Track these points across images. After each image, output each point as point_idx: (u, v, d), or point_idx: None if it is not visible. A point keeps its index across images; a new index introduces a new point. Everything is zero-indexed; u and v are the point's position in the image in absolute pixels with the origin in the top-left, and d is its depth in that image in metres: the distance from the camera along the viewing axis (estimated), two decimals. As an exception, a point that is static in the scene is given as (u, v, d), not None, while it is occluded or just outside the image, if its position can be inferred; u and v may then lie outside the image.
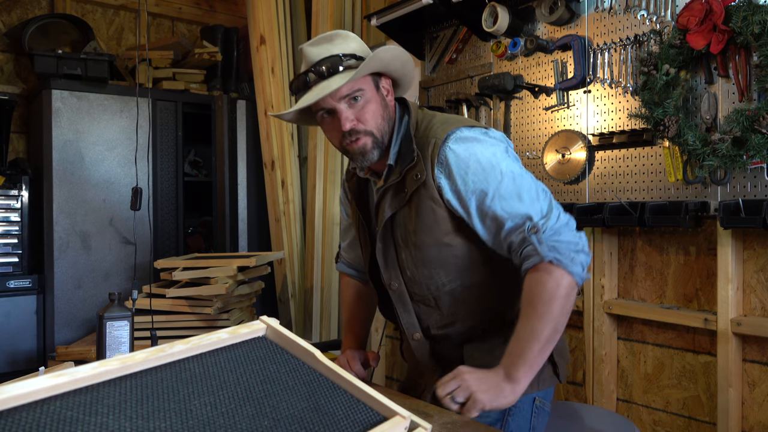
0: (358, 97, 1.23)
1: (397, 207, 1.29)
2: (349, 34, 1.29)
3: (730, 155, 1.60)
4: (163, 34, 3.69)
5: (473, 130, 1.25)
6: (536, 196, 1.20)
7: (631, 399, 2.01)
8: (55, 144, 2.73)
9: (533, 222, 1.16)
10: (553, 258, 1.13)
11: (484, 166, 1.20)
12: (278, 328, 0.97)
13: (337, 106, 1.23)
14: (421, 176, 1.24)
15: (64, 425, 0.67)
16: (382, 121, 1.27)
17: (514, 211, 1.18)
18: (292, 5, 3.17)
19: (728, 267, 1.71)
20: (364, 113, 1.24)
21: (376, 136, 1.26)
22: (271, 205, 3.13)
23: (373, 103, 1.25)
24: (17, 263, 2.66)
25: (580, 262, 1.16)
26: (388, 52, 1.25)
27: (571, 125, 2.09)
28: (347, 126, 1.23)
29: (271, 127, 3.06)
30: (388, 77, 1.32)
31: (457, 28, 2.49)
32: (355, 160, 1.31)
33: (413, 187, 1.25)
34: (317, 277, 2.92)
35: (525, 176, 1.22)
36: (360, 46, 1.27)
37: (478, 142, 1.22)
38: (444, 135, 1.23)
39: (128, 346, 1.68)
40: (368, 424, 0.81)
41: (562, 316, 1.15)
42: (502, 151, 1.23)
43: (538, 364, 1.14)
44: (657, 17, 1.84)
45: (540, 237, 1.15)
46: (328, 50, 1.23)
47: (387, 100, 1.31)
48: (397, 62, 1.29)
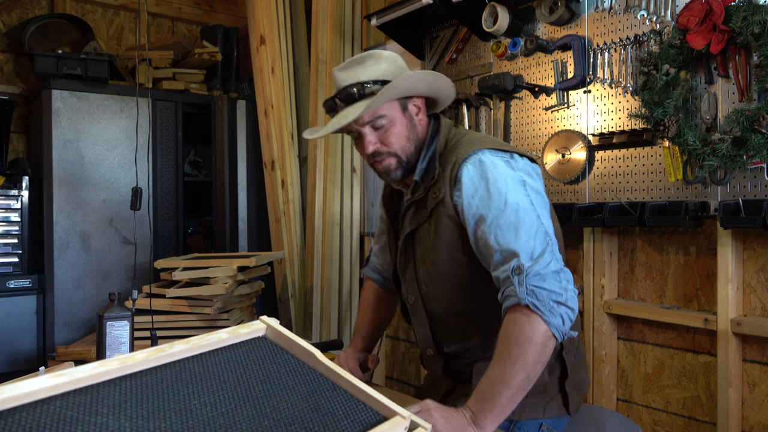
0: (381, 121, 1.28)
1: (417, 223, 1.33)
2: (383, 54, 1.32)
3: (730, 155, 1.60)
4: (163, 34, 3.69)
5: (496, 154, 1.25)
6: (533, 235, 1.16)
7: (631, 399, 2.01)
8: (55, 144, 2.73)
9: (519, 262, 1.13)
10: (530, 303, 1.10)
11: (490, 192, 1.19)
12: (278, 328, 0.97)
13: (362, 130, 1.29)
14: (439, 194, 1.27)
15: (64, 425, 0.67)
16: (407, 142, 1.31)
17: (505, 244, 1.16)
18: (292, 5, 3.17)
19: (728, 267, 1.71)
20: (387, 136, 1.29)
21: (400, 156, 1.31)
22: (271, 205, 3.13)
23: (397, 126, 1.29)
24: (17, 263, 2.66)
25: (560, 314, 1.11)
26: (407, 81, 1.27)
27: (571, 125, 2.09)
28: (369, 149, 1.29)
29: (271, 127, 3.06)
30: (420, 96, 1.34)
31: (457, 28, 2.49)
32: (382, 178, 1.37)
33: (433, 204, 1.28)
34: (317, 277, 2.92)
35: (530, 212, 1.18)
36: (391, 68, 1.30)
37: (494, 167, 1.22)
38: (465, 155, 1.25)
39: (128, 346, 1.68)
40: (368, 424, 0.81)
41: (537, 364, 1.10)
42: (515, 181, 1.21)
43: (506, 411, 1.10)
44: (657, 17, 1.84)
45: (522, 279, 1.11)
46: (355, 75, 1.29)
47: (416, 119, 1.33)
48: (419, 86, 1.31)
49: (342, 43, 2.90)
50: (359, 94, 1.27)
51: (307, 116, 3.08)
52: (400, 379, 2.98)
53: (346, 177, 2.97)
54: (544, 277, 1.12)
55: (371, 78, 1.28)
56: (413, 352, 2.91)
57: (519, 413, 1.26)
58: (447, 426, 1.05)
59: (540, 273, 1.12)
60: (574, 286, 1.16)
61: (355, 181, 2.99)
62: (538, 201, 1.22)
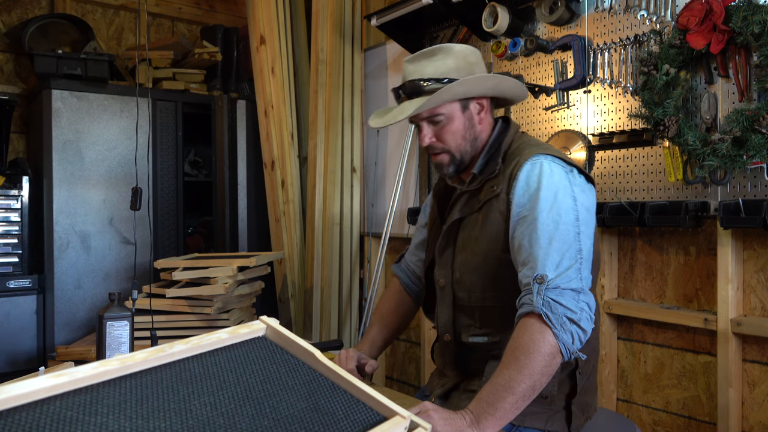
0: (439, 118, 1.32)
1: (467, 212, 1.35)
2: (453, 48, 1.34)
3: (730, 155, 1.60)
4: (163, 34, 3.69)
5: (557, 163, 1.26)
6: (566, 249, 1.16)
7: (631, 399, 2.01)
8: (55, 144, 2.73)
9: (543, 272, 1.14)
10: (544, 314, 1.10)
11: (540, 196, 1.20)
12: (278, 328, 0.97)
13: (420, 123, 1.35)
14: (497, 188, 1.28)
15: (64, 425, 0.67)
16: (462, 140, 1.34)
17: (535, 250, 1.16)
18: (292, 5, 3.17)
19: (728, 267, 1.71)
20: (443, 133, 1.33)
21: (453, 154, 1.35)
22: (271, 205, 3.13)
23: (454, 124, 1.33)
24: (17, 263, 2.66)
25: (571, 331, 1.11)
26: (464, 85, 1.30)
27: (571, 125, 2.09)
28: (425, 142, 1.35)
29: (271, 127, 3.06)
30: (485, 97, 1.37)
31: (457, 28, 2.49)
32: (436, 170, 1.41)
33: (487, 197, 1.30)
34: (317, 277, 2.92)
35: (570, 227, 1.19)
36: (457, 64, 1.33)
37: (552, 174, 1.23)
38: (528, 156, 1.26)
39: (128, 346, 1.68)
40: (368, 424, 0.81)
41: (543, 375, 1.10)
42: (567, 193, 1.22)
43: (508, 418, 1.09)
44: (657, 17, 1.84)
45: (541, 288, 1.12)
46: (421, 69, 1.33)
47: (477, 118, 1.36)
48: (480, 88, 1.34)
49: (342, 43, 2.90)
50: (420, 90, 1.31)
51: (307, 116, 3.08)
52: (400, 379, 2.98)
53: (346, 177, 2.97)
54: (562, 293, 1.13)
55: (435, 74, 1.31)
56: (413, 352, 2.91)
57: (521, 419, 1.26)
58: (446, 427, 1.05)
59: (560, 287, 1.13)
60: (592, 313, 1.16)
61: (355, 181, 2.99)
62: (583, 218, 1.22)
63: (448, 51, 1.33)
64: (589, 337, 1.23)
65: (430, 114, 1.32)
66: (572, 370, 1.30)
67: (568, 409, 1.30)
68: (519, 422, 1.26)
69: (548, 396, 1.28)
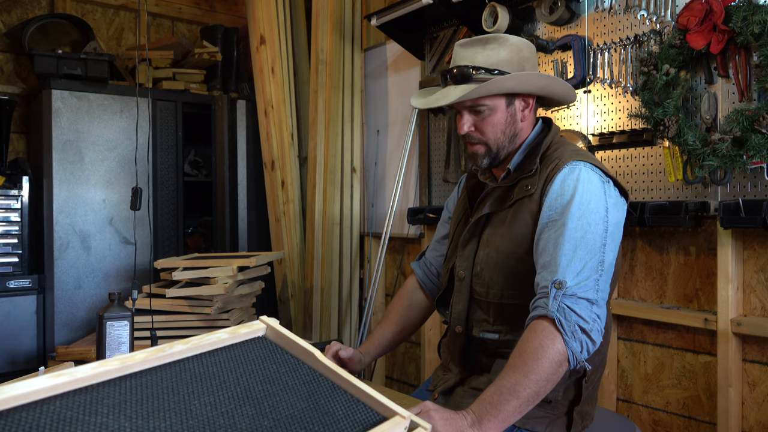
0: (482, 110, 1.31)
1: (497, 208, 1.34)
2: (509, 40, 1.33)
3: (730, 155, 1.60)
4: (163, 34, 3.69)
5: (594, 172, 1.25)
6: (588, 259, 1.16)
7: (631, 399, 2.01)
8: (55, 144, 2.73)
9: (562, 278, 1.13)
10: (557, 319, 1.10)
11: (573, 202, 1.20)
12: (278, 328, 0.97)
13: (461, 111, 1.33)
14: (531, 187, 1.28)
15: (64, 425, 0.67)
16: (501, 135, 1.33)
17: (559, 256, 1.16)
18: (292, 5, 3.17)
19: (728, 267, 1.71)
20: (483, 124, 1.32)
21: (490, 147, 1.34)
22: (271, 205, 3.13)
23: (496, 117, 1.32)
24: (17, 263, 2.66)
25: (581, 341, 1.11)
26: (513, 80, 1.29)
27: (571, 125, 2.09)
28: (463, 130, 1.34)
29: (271, 127, 3.06)
30: (532, 95, 1.36)
31: (457, 28, 2.49)
32: (469, 160, 1.40)
33: (520, 195, 1.29)
34: (317, 277, 2.92)
35: (598, 238, 1.18)
36: (511, 56, 1.31)
37: (588, 182, 1.23)
38: (568, 161, 1.26)
39: (128, 346, 1.68)
40: (368, 424, 0.81)
41: (548, 382, 1.10)
42: (600, 204, 1.21)
43: (510, 421, 1.08)
44: (657, 17, 1.84)
45: (557, 294, 1.12)
46: (473, 56, 1.31)
47: (520, 115, 1.35)
48: (528, 86, 1.33)
49: (342, 43, 2.90)
50: (467, 78, 1.30)
51: (307, 116, 3.08)
52: (400, 379, 2.98)
53: (346, 177, 2.97)
54: (577, 301, 1.12)
55: (486, 64, 1.30)
56: (413, 352, 2.91)
57: (522, 422, 1.25)
58: (447, 428, 1.04)
59: (576, 295, 1.12)
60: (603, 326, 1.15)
61: (355, 181, 2.99)
62: (611, 231, 1.21)
63: (504, 41, 1.31)
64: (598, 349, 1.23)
65: (473, 103, 1.31)
66: (579, 378, 1.30)
67: (569, 416, 1.30)
68: (520, 424, 1.26)
69: (552, 401, 1.27)
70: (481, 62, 1.30)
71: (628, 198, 1.33)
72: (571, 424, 1.29)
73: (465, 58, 1.32)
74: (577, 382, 1.30)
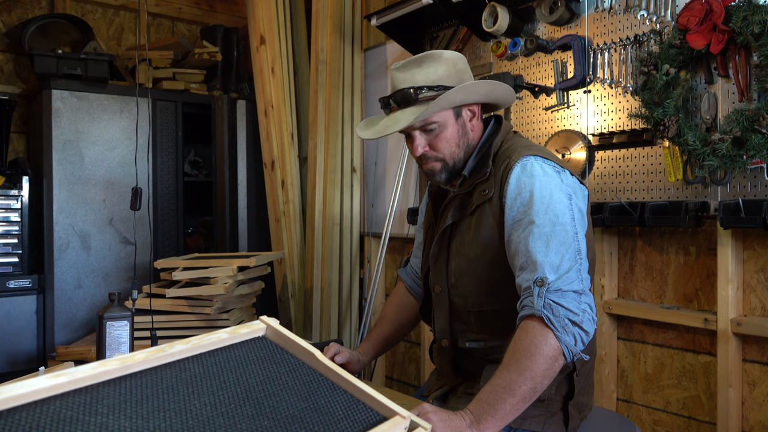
0: (432, 128, 1.30)
1: (459, 217, 1.34)
2: (443, 55, 1.32)
3: (730, 155, 1.60)
4: (163, 34, 3.69)
5: (547, 164, 1.25)
6: (565, 251, 1.15)
7: (631, 399, 2.01)
8: (55, 144, 2.73)
9: (543, 274, 1.13)
10: (545, 317, 1.09)
11: (534, 198, 1.19)
12: (278, 328, 0.97)
13: (412, 133, 1.32)
14: (488, 192, 1.27)
15: (64, 425, 0.67)
16: (456, 148, 1.33)
17: (534, 254, 1.15)
18: (292, 5, 3.17)
19: (728, 267, 1.71)
20: (437, 141, 1.31)
21: (446, 162, 1.33)
22: (271, 205, 3.13)
23: (448, 132, 1.31)
24: (17, 263, 2.66)
25: (573, 333, 1.10)
26: (460, 93, 1.28)
27: (571, 125, 2.09)
28: (418, 152, 1.32)
29: (271, 127, 3.06)
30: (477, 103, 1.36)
31: (457, 28, 2.49)
32: (427, 178, 1.39)
33: (479, 201, 1.29)
34: (317, 277, 2.92)
35: (568, 227, 1.18)
36: (448, 71, 1.30)
37: (544, 174, 1.22)
38: (518, 158, 1.25)
39: (128, 346, 1.67)
40: (368, 424, 0.81)
41: (544, 378, 1.09)
42: (561, 194, 1.21)
43: (508, 419, 1.08)
44: (657, 17, 1.84)
45: (542, 291, 1.11)
46: (412, 77, 1.29)
47: (469, 125, 1.35)
48: (474, 96, 1.33)
49: (342, 43, 2.90)
50: (413, 99, 1.28)
51: (307, 116, 3.08)
52: (400, 379, 2.98)
53: (346, 177, 2.97)
54: (564, 295, 1.12)
55: (427, 83, 1.28)
56: (413, 352, 2.91)
57: (519, 422, 1.26)
58: (445, 429, 1.04)
59: (561, 289, 1.12)
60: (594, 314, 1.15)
61: (355, 181, 2.99)
62: (578, 219, 1.21)
63: (438, 58, 1.31)
64: None
65: (423, 123, 1.29)
66: (570, 373, 1.30)
67: (565, 411, 1.30)
68: (517, 425, 1.26)
69: (545, 399, 1.28)
70: (422, 81, 1.28)
71: (585, 186, 1.32)
72: (568, 419, 1.30)
73: (405, 81, 1.29)
74: (569, 376, 1.30)
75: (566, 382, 1.30)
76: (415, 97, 1.27)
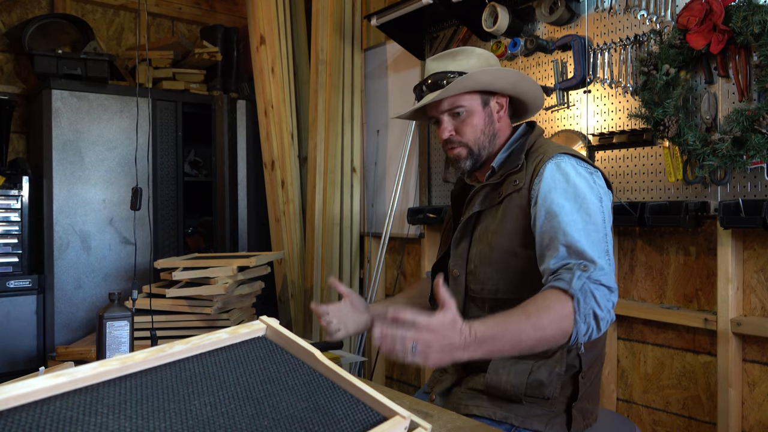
0: (460, 111, 1.36)
1: (487, 205, 1.36)
2: (475, 50, 1.39)
3: (730, 155, 1.60)
4: (163, 34, 3.69)
5: (581, 164, 1.27)
6: (604, 249, 1.17)
7: (631, 399, 2.01)
8: (55, 144, 2.73)
9: (590, 263, 1.12)
10: (576, 298, 1.08)
11: (570, 193, 1.21)
12: (278, 328, 0.97)
13: (440, 117, 1.38)
14: (519, 182, 1.29)
15: (64, 425, 0.67)
16: (481, 135, 1.37)
17: (574, 243, 1.15)
18: (292, 5, 3.17)
19: (728, 267, 1.71)
20: (463, 126, 1.36)
21: (471, 148, 1.37)
22: (271, 205, 3.13)
23: (474, 118, 1.36)
24: (17, 263, 2.66)
25: (589, 325, 1.10)
26: (488, 74, 1.33)
27: (571, 125, 2.09)
28: (444, 135, 1.37)
29: (271, 127, 3.06)
30: (504, 95, 1.40)
31: (457, 28, 2.49)
32: (452, 165, 1.43)
33: (509, 190, 1.30)
34: (317, 277, 2.92)
35: (600, 227, 1.19)
36: (479, 63, 1.37)
37: (578, 174, 1.24)
38: (553, 154, 1.27)
39: (128, 346, 1.68)
40: (368, 424, 0.81)
41: (548, 340, 1.08)
42: (594, 195, 1.22)
43: (492, 353, 1.05)
44: (657, 17, 1.84)
45: (582, 275, 1.11)
46: (444, 66, 1.37)
47: (496, 116, 1.39)
48: (501, 82, 1.36)
49: (342, 43, 2.90)
50: (440, 83, 1.34)
51: (307, 116, 3.08)
52: (400, 379, 2.98)
53: (346, 177, 2.97)
54: (599, 288, 1.11)
55: (457, 69, 1.35)
56: (413, 352, 2.90)
57: (521, 421, 1.25)
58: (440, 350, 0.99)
59: (600, 281, 1.11)
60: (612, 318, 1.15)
61: (355, 181, 2.99)
62: (608, 220, 1.23)
63: (471, 52, 1.38)
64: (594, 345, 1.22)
65: (451, 105, 1.35)
66: (575, 373, 1.30)
67: (568, 413, 1.30)
68: (519, 423, 1.26)
69: (550, 398, 1.27)
70: (454, 69, 1.36)
71: (612, 189, 1.34)
72: (572, 422, 1.29)
73: (438, 68, 1.37)
74: (574, 377, 1.30)
75: (571, 383, 1.30)
76: (445, 81, 1.34)
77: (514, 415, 1.25)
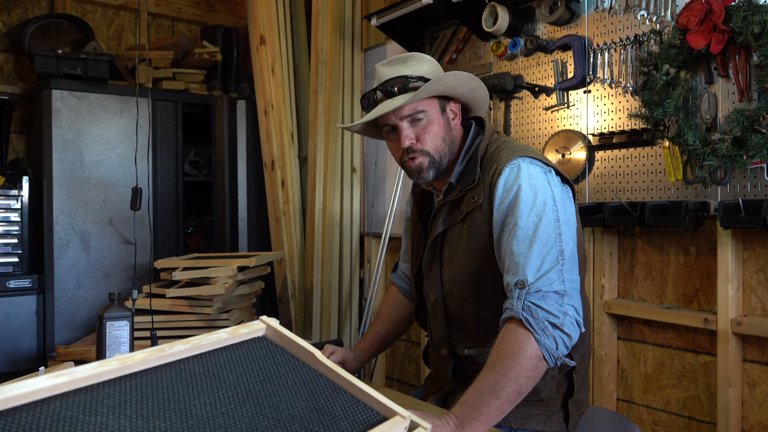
0: (420, 117, 1.28)
1: (450, 224, 1.32)
2: (425, 57, 1.33)
3: (730, 155, 1.60)
4: (163, 34, 3.69)
5: (534, 164, 1.24)
6: (546, 252, 1.15)
7: (631, 399, 2.01)
8: (55, 144, 2.73)
9: (523, 277, 1.12)
10: (524, 319, 1.09)
11: (519, 201, 1.19)
12: (278, 328, 0.97)
13: (399, 124, 1.29)
14: (478, 198, 1.26)
15: (64, 425, 0.67)
16: (442, 143, 1.31)
17: (517, 256, 1.15)
18: (292, 5, 3.17)
19: (728, 267, 1.71)
20: (424, 134, 1.29)
21: (433, 157, 1.30)
22: (271, 205, 3.13)
23: (435, 125, 1.29)
24: (17, 263, 2.66)
25: (554, 336, 1.09)
26: (454, 77, 1.28)
27: (571, 125, 2.09)
28: (406, 143, 1.28)
29: (271, 127, 3.06)
30: (458, 101, 1.35)
31: (457, 28, 2.49)
32: (412, 177, 1.35)
33: (469, 208, 1.28)
34: (317, 277, 2.92)
35: (551, 229, 1.17)
36: (432, 69, 1.32)
37: (530, 176, 1.22)
38: (506, 162, 1.24)
39: (128, 346, 1.67)
40: (368, 424, 0.81)
41: (529, 379, 1.08)
42: (546, 195, 1.20)
43: (492, 422, 1.08)
44: (657, 17, 1.84)
45: (521, 293, 1.11)
46: (398, 71, 1.30)
47: (452, 123, 1.34)
48: (464, 86, 1.32)
49: (342, 43, 2.90)
50: (402, 88, 1.27)
51: (307, 116, 3.08)
52: (400, 379, 2.98)
53: (346, 177, 2.97)
54: (544, 296, 1.11)
55: (415, 74, 1.29)
56: (413, 352, 2.91)
57: (520, 422, 1.26)
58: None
59: (541, 290, 1.11)
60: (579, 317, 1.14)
61: (355, 181, 2.99)
62: (564, 219, 1.20)
63: (421, 58, 1.33)
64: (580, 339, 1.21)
65: (412, 111, 1.27)
66: (569, 371, 1.30)
67: (565, 409, 1.30)
68: (518, 425, 1.26)
69: (546, 398, 1.28)
70: (411, 73, 1.29)
71: (572, 186, 1.31)
72: (568, 416, 1.30)
73: (393, 73, 1.30)
74: (568, 375, 1.31)
75: (566, 381, 1.31)
76: (405, 86, 1.27)
77: (512, 417, 1.26)
